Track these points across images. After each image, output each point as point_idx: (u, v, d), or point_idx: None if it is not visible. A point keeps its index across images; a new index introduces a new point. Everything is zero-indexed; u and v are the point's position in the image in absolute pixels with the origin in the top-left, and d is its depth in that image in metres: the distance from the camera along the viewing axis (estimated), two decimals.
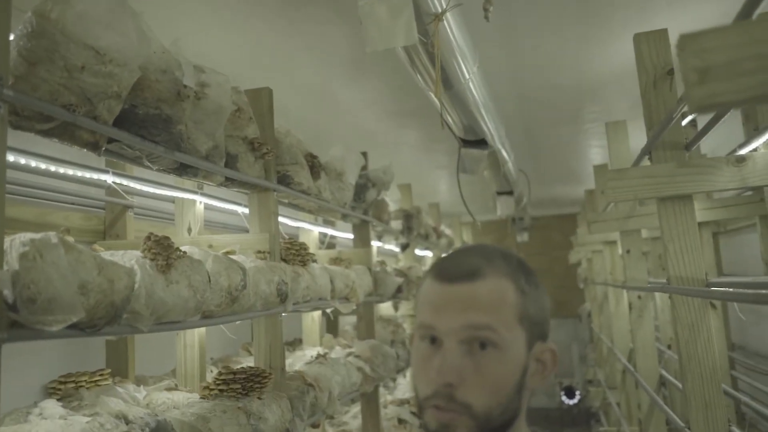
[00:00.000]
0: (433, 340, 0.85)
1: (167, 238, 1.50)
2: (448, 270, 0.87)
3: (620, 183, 1.85)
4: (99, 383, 1.93)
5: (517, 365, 0.84)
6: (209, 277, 1.58)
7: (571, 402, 8.05)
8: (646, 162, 2.02)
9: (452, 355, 0.82)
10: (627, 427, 3.54)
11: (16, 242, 1.16)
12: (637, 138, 3.31)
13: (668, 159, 1.82)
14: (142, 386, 1.99)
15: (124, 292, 1.29)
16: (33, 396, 1.91)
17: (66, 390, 1.89)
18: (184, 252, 1.54)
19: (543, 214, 8.20)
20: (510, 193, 4.20)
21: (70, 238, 1.38)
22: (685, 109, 1.62)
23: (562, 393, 8.12)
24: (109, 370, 2.01)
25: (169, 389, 2.03)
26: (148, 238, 1.49)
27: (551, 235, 8.42)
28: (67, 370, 2.01)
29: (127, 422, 1.64)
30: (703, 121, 1.92)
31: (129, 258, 1.43)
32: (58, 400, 1.82)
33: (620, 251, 3.50)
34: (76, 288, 1.17)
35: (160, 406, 1.88)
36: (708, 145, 3.90)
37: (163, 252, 1.46)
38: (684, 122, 1.89)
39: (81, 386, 1.91)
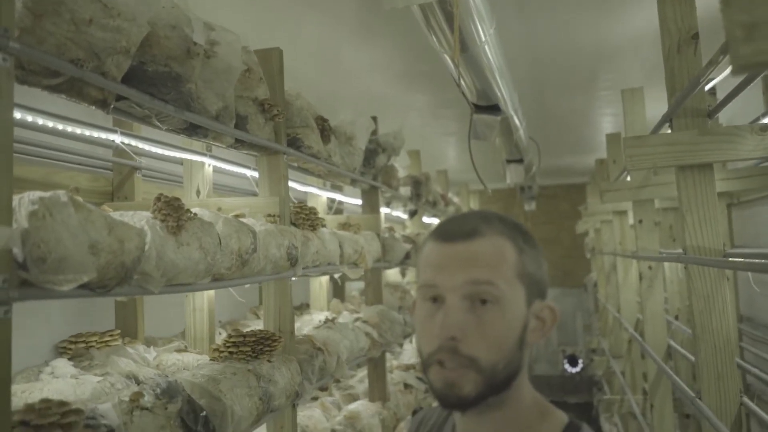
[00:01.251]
0: (435, 299, 0.87)
1: (178, 199, 1.48)
2: (448, 231, 0.89)
3: (639, 150, 1.81)
4: (109, 344, 1.93)
5: (517, 320, 0.85)
6: (220, 240, 1.56)
7: (574, 370, 8.12)
8: (665, 130, 1.97)
9: (455, 310, 0.84)
10: (631, 396, 3.56)
11: (25, 200, 1.14)
12: (653, 106, 3.25)
13: (690, 127, 1.77)
14: (152, 347, 2.00)
15: (134, 253, 1.28)
16: (44, 355, 1.92)
17: (77, 350, 1.89)
18: (195, 214, 1.52)
19: (551, 184, 8.14)
20: (520, 161, 4.15)
21: (80, 198, 1.36)
22: (712, 74, 1.56)
23: (565, 361, 8.19)
24: (119, 331, 2.02)
25: (179, 351, 2.03)
26: (158, 199, 1.46)
27: (559, 205, 8.37)
28: (77, 330, 2.01)
29: (138, 382, 1.64)
30: (724, 89, 1.87)
31: (139, 219, 1.41)
32: (69, 359, 1.83)
33: (631, 221, 3.47)
34: (86, 248, 1.15)
35: (170, 367, 1.88)
36: (723, 115, 3.83)
37: (173, 213, 1.44)
38: (706, 88, 1.83)
39: (91, 346, 1.91)
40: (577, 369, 8.08)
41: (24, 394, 1.48)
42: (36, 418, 1.13)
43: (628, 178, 2.99)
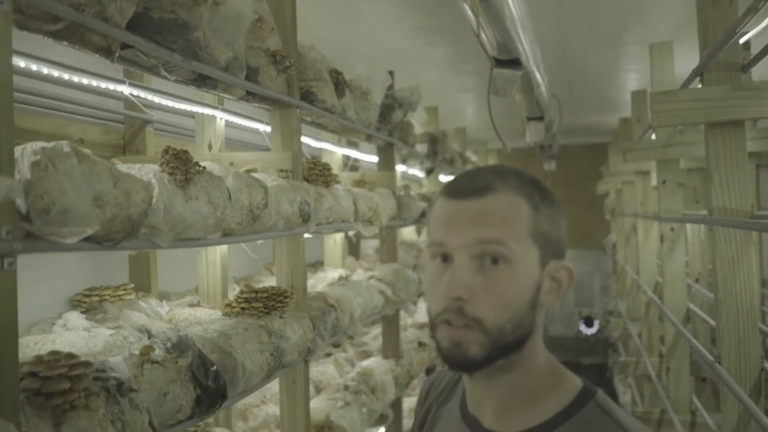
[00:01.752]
0: (445, 258, 0.83)
1: (186, 152, 1.44)
2: (459, 187, 0.85)
3: (667, 106, 1.73)
4: (122, 297, 1.93)
5: (529, 281, 0.82)
6: (229, 194, 1.53)
7: (590, 332, 8.12)
8: (695, 86, 1.88)
9: (462, 269, 0.80)
10: (647, 358, 3.53)
11: (28, 151, 1.11)
12: (682, 62, 3.11)
13: (721, 82, 1.68)
14: (164, 301, 2.00)
15: (141, 206, 1.25)
16: (58, 307, 1.93)
17: (90, 303, 1.90)
18: (204, 167, 1.48)
19: (572, 143, 7.97)
20: (540, 118, 4.04)
21: (87, 151, 1.33)
22: (747, 26, 1.47)
23: (581, 322, 8.19)
24: (132, 285, 2.02)
25: (191, 305, 2.03)
26: (166, 151, 1.43)
27: (579, 165, 8.22)
28: (91, 284, 2.02)
29: (150, 336, 1.64)
30: (758, 44, 1.76)
31: (146, 172, 1.38)
32: (82, 312, 1.84)
33: (654, 182, 3.38)
34: (90, 200, 1.12)
35: (182, 321, 1.89)
36: (756, 71, 3.67)
37: (181, 166, 1.40)
38: (741, 41, 1.73)
39: (105, 300, 1.92)
40: (593, 331, 8.07)
41: (36, 345, 1.49)
42: (44, 370, 1.12)
43: (653, 137, 2.89)
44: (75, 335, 1.55)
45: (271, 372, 1.71)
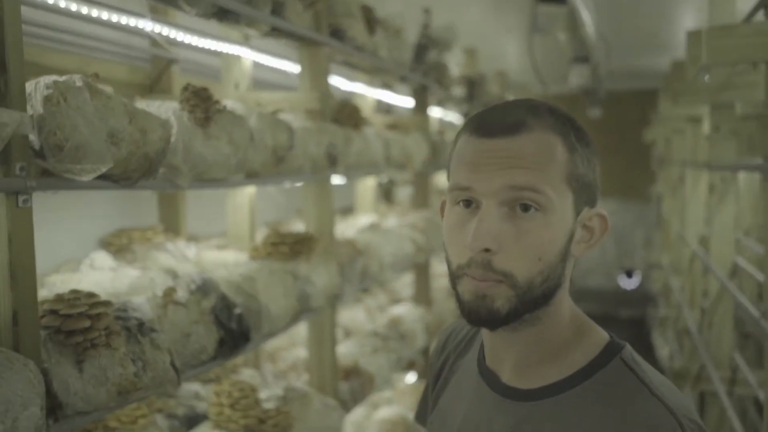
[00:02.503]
0: (469, 203, 0.75)
1: (206, 89, 1.39)
2: (487, 123, 0.76)
3: (724, 42, 1.58)
4: (151, 239, 1.93)
5: (562, 230, 0.75)
6: (252, 135, 1.48)
7: (630, 285, 7.97)
8: (758, 20, 1.71)
9: (491, 218, 0.73)
10: (688, 313, 3.42)
11: (41, 85, 1.07)
12: (744, 0, 2.86)
13: None
14: (192, 244, 1.99)
15: (158, 144, 1.21)
16: (89, 248, 1.94)
17: (120, 244, 1.91)
18: (224, 106, 1.43)
19: (619, 88, 7.62)
20: (586, 60, 3.83)
21: (108, 87, 1.29)
22: None
23: (621, 275, 8.04)
24: (161, 227, 2.01)
25: (219, 248, 2.02)
26: (186, 88, 1.38)
27: (626, 112, 7.87)
28: (122, 225, 2.02)
29: (175, 278, 1.64)
30: None
31: (166, 109, 1.34)
32: (112, 253, 1.84)
33: (706, 129, 3.18)
34: (104, 136, 1.09)
35: (209, 264, 1.88)
36: None
37: (201, 104, 1.36)
38: None
39: (134, 241, 1.92)
40: (634, 284, 7.92)
41: (63, 284, 1.50)
42: (64, 308, 1.12)
43: (707, 80, 2.70)
44: (101, 275, 1.55)
45: (297, 316, 1.70)
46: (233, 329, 1.43)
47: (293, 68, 2.39)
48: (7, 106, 0.99)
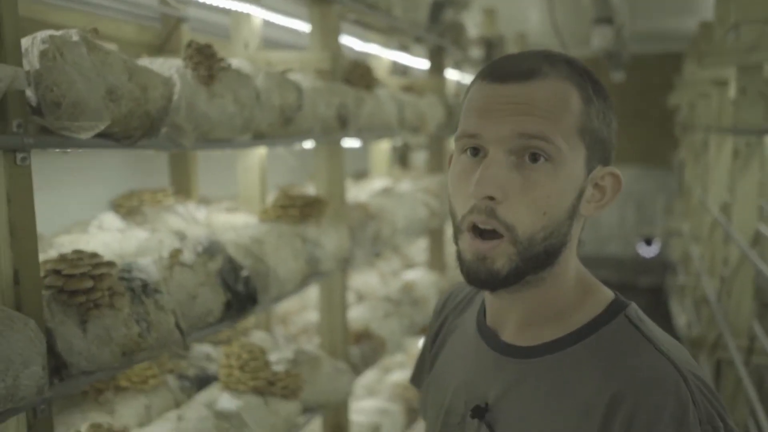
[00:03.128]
0: (476, 152, 0.72)
1: (210, 46, 1.35)
2: (500, 69, 0.73)
3: None
4: (161, 201, 1.92)
5: (572, 185, 0.72)
6: (258, 94, 1.44)
7: (649, 252, 7.87)
8: None
9: (497, 165, 0.70)
10: (708, 281, 3.36)
11: (37, 40, 1.04)
12: None
13: None
14: (202, 206, 1.98)
15: (159, 102, 1.18)
16: (100, 210, 1.94)
17: (130, 206, 1.90)
18: (229, 64, 1.39)
19: (644, 51, 7.39)
20: (609, 21, 3.69)
21: (112, 44, 1.25)
22: None
23: (641, 243, 7.93)
24: (171, 189, 2.00)
25: (229, 211, 2.01)
26: (189, 45, 1.34)
27: (650, 76, 7.65)
28: (132, 187, 2.02)
29: (183, 240, 1.63)
30: None
31: (169, 67, 1.30)
32: (122, 215, 1.84)
33: (732, 93, 3.07)
34: (103, 92, 1.06)
35: (219, 227, 1.87)
36: None
37: (205, 61, 1.32)
38: None
39: (144, 203, 1.91)
40: (653, 252, 7.81)
41: (71, 245, 1.50)
42: (67, 268, 1.11)
43: (735, 40, 2.58)
44: (109, 236, 1.54)
45: (306, 279, 1.69)
46: (240, 291, 1.42)
47: (304, 27, 2.33)
48: (2, 61, 0.96)
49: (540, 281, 0.74)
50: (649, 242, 7.91)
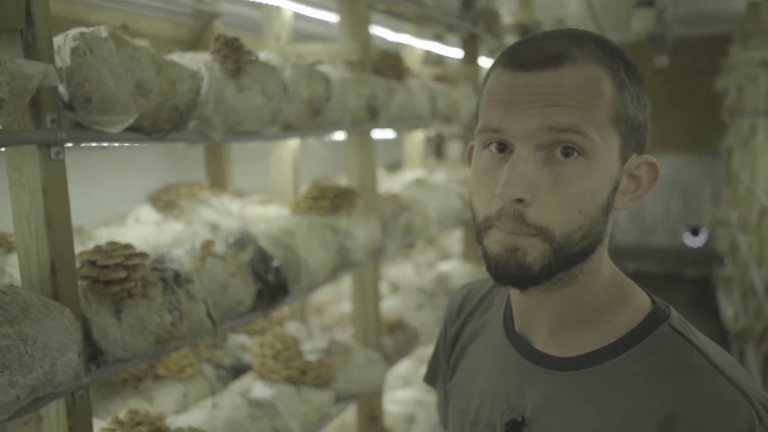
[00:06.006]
0: (502, 148, 0.66)
1: (237, 39, 1.37)
2: (523, 55, 0.66)
3: None
4: (197, 194, 1.96)
5: (607, 180, 0.66)
6: (285, 86, 1.45)
7: (696, 243, 7.63)
8: None
9: (526, 163, 0.64)
10: (756, 272, 3.24)
11: (69, 37, 1.08)
12: None
13: None
14: (236, 199, 2.01)
15: (188, 96, 1.20)
16: (138, 203, 2.00)
17: (167, 199, 1.95)
18: (257, 57, 1.40)
19: (687, 34, 7.13)
20: (651, 3, 3.58)
21: (146, 42, 1.28)
22: None
23: (687, 233, 7.69)
24: (206, 183, 2.04)
25: (263, 203, 2.04)
26: (217, 39, 1.36)
27: (696, 60, 7.37)
28: (169, 181, 2.07)
29: (215, 231, 1.66)
30: None
31: (197, 61, 1.32)
32: (159, 208, 1.88)
33: None
34: (132, 87, 1.08)
35: (252, 218, 1.89)
36: None
37: (232, 54, 1.33)
38: None
39: (180, 196, 1.96)
40: (700, 242, 7.56)
41: (109, 238, 1.54)
42: (101, 259, 1.14)
43: None
44: (145, 228, 1.59)
45: (336, 270, 1.70)
46: (270, 281, 1.44)
47: (335, 19, 2.33)
48: (34, 58, 1.00)
49: (572, 279, 0.69)
50: (695, 232, 7.66)
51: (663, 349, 0.66)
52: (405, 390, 2.48)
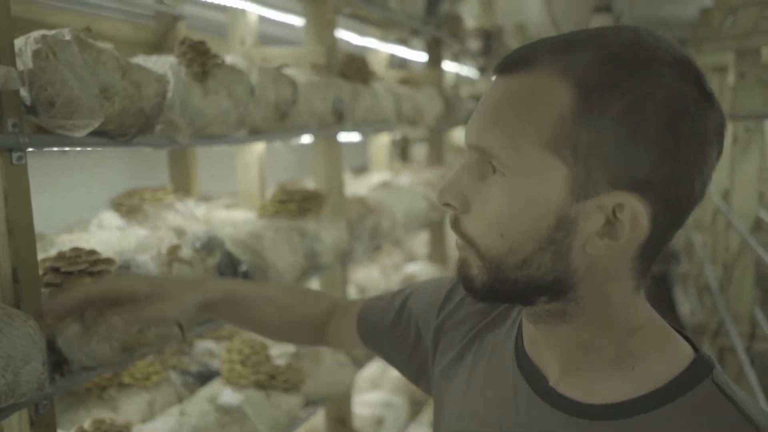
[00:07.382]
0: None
1: (203, 42, 1.36)
2: (504, 57, 0.64)
3: None
4: (162, 199, 1.94)
5: (538, 209, 0.59)
6: (252, 89, 1.45)
7: None
8: None
9: (463, 171, 0.63)
10: (710, 269, 3.36)
11: (30, 40, 1.05)
12: None
13: None
14: (202, 203, 1.99)
15: (153, 99, 1.19)
16: (101, 210, 1.96)
17: (130, 205, 1.91)
18: (223, 60, 1.39)
19: None
20: (608, 9, 3.68)
21: (108, 44, 1.26)
22: None
23: None
24: (171, 187, 2.01)
25: (229, 207, 2.02)
26: (182, 42, 1.35)
27: None
28: (133, 186, 2.03)
29: (182, 236, 1.64)
30: None
31: (162, 64, 1.31)
32: (122, 214, 1.85)
33: (731, 80, 3.06)
34: (96, 91, 1.07)
35: (218, 223, 1.88)
36: None
37: (198, 58, 1.32)
38: None
39: (144, 201, 1.93)
40: None
41: (71, 244, 1.51)
42: (65, 266, 1.12)
43: (733, 23, 2.57)
44: (108, 234, 1.55)
45: (305, 273, 1.70)
46: None
47: (300, 22, 2.33)
48: None
49: (565, 316, 0.64)
50: None
51: (704, 410, 0.60)
52: (373, 393, 2.49)
